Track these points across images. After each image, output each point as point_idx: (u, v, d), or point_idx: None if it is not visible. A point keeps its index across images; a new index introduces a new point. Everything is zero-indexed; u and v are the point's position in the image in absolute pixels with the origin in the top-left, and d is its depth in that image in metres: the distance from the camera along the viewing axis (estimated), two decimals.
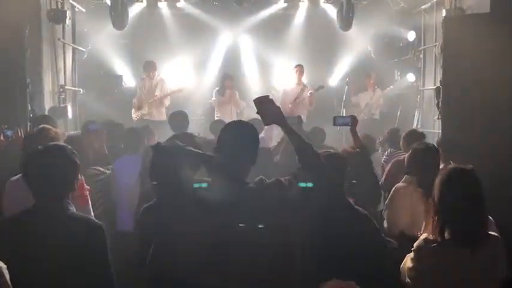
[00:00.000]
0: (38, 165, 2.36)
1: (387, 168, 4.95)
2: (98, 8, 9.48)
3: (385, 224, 3.64)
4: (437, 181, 2.46)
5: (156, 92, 8.67)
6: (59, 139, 3.61)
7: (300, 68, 8.61)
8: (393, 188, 3.69)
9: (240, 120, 2.54)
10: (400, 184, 3.69)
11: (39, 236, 2.25)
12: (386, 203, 3.69)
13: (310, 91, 8.38)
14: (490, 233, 2.42)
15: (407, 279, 2.51)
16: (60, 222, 2.30)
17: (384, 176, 4.88)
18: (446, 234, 2.36)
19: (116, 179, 4.43)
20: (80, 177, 2.59)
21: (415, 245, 2.46)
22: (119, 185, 4.37)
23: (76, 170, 2.46)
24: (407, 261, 2.51)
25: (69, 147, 2.51)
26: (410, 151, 3.81)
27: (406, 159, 3.79)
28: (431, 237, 2.41)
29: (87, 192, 3.49)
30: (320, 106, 9.37)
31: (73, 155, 2.45)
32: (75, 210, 2.41)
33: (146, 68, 8.77)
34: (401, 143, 5.23)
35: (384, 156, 5.70)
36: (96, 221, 2.41)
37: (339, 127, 6.13)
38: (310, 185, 2.70)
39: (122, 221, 4.20)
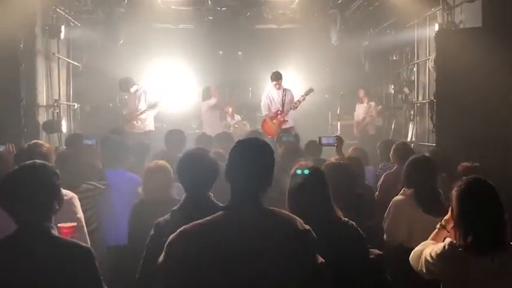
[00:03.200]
0: (12, 187, 2.21)
1: (379, 182, 4.96)
2: (93, 22, 9.51)
3: (385, 237, 3.65)
4: (456, 192, 2.51)
5: (140, 106, 8.45)
6: (51, 155, 3.55)
7: (275, 76, 8.43)
8: (391, 201, 3.71)
9: (252, 138, 2.27)
10: (397, 197, 3.72)
11: (27, 264, 2.13)
12: (385, 215, 3.70)
13: (302, 95, 8.39)
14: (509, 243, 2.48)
15: (424, 269, 2.54)
16: (46, 248, 2.18)
17: (377, 190, 4.89)
18: (469, 240, 2.42)
19: (111, 192, 4.36)
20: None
21: (439, 252, 2.48)
22: (115, 198, 4.29)
23: (54, 189, 2.30)
24: (427, 255, 2.53)
25: (48, 164, 2.38)
26: (406, 163, 3.84)
27: (403, 171, 3.82)
28: (455, 242, 2.47)
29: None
30: (315, 119, 9.43)
31: (51, 172, 2.31)
32: (57, 233, 2.30)
33: (123, 87, 8.42)
34: (390, 155, 5.24)
35: (378, 170, 5.70)
36: (84, 244, 2.29)
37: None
38: (306, 172, 2.71)
39: (116, 234, 4.11)
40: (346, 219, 2.79)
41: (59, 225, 2.34)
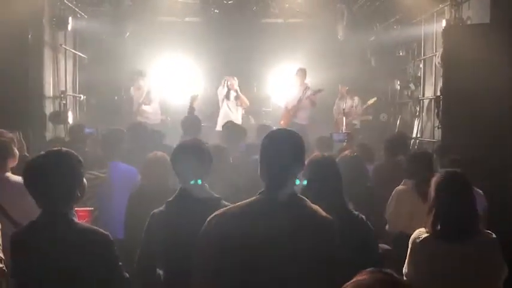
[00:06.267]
0: (38, 173, 2.27)
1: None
2: (100, 14, 9.52)
3: (387, 226, 3.85)
4: (433, 182, 2.73)
5: (144, 100, 8.60)
6: (11, 144, 3.45)
7: (301, 72, 8.70)
8: (394, 191, 3.94)
9: (283, 129, 2.40)
10: (399, 187, 3.96)
11: (49, 251, 2.20)
12: (387, 204, 3.92)
13: (310, 92, 8.45)
14: (486, 231, 2.66)
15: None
16: (68, 234, 2.24)
17: None
18: (438, 228, 2.61)
19: (110, 183, 4.39)
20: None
21: (411, 237, 2.71)
22: (113, 191, 4.31)
23: (78, 177, 2.37)
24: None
25: (73, 152, 2.41)
26: (408, 157, 4.24)
27: (405, 164, 4.18)
28: (424, 229, 2.67)
29: None
30: (320, 114, 9.44)
31: (76, 161, 2.36)
32: (77, 219, 2.36)
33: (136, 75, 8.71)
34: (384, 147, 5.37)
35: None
36: (102, 231, 2.34)
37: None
38: (304, 182, 2.76)
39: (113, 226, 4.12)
40: (356, 212, 2.81)
41: (75, 209, 2.39)
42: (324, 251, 2.07)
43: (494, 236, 2.63)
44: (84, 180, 2.42)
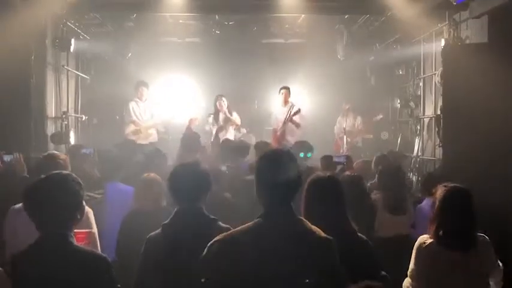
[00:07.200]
0: (38, 196, 2.29)
1: None
2: (102, 35, 9.63)
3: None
4: (438, 194, 2.95)
5: (145, 117, 8.56)
6: (67, 166, 3.54)
7: (285, 91, 8.63)
8: None
9: (279, 149, 2.39)
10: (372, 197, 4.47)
11: (47, 273, 2.19)
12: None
13: (294, 113, 8.39)
14: (480, 235, 2.90)
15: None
16: (66, 257, 2.25)
17: None
18: (440, 236, 2.84)
19: (107, 205, 4.37)
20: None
21: (416, 242, 2.96)
22: (110, 212, 4.27)
23: (79, 200, 2.37)
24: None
25: (73, 175, 2.42)
26: (378, 171, 4.71)
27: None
28: (428, 236, 2.91)
29: None
30: (321, 134, 9.45)
31: (76, 184, 2.36)
32: (75, 242, 2.35)
33: (139, 86, 8.60)
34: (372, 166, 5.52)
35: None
36: (101, 254, 2.34)
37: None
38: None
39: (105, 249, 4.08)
40: (361, 235, 2.79)
41: (74, 231, 2.38)
42: (323, 271, 2.07)
43: (488, 239, 2.91)
44: (84, 202, 2.42)
